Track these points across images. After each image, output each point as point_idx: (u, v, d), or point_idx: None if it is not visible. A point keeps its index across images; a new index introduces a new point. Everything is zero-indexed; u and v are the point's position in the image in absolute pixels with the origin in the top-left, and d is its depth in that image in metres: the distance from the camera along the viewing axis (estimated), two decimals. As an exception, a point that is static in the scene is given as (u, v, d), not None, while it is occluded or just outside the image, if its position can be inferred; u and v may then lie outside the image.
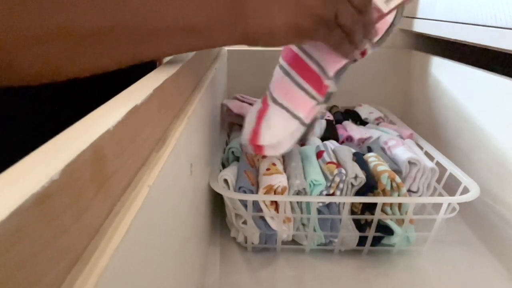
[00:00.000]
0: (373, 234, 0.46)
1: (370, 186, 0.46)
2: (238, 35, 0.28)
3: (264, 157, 0.50)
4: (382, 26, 0.40)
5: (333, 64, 0.40)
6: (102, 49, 0.25)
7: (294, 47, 0.43)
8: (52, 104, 0.33)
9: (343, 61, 0.41)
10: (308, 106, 0.41)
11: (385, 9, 0.35)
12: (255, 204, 0.44)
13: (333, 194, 0.46)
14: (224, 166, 0.54)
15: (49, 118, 0.32)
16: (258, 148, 0.43)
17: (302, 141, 0.49)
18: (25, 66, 0.23)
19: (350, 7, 0.31)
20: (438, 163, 0.53)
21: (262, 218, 0.46)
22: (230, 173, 0.47)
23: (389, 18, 0.40)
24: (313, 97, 0.41)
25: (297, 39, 0.30)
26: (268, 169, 0.47)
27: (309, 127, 0.44)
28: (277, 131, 0.42)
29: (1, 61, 0.22)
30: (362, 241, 0.47)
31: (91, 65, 0.25)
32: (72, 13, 0.23)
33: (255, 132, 0.42)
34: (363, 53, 0.39)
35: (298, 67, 0.42)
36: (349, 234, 0.47)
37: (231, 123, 0.67)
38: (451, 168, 0.51)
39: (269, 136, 0.42)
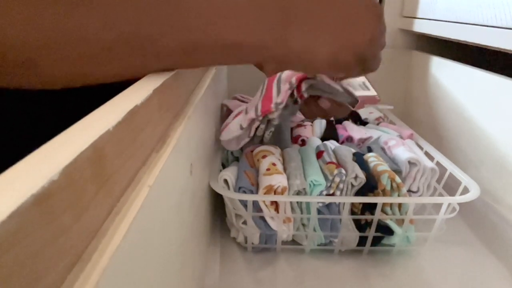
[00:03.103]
0: (373, 234, 0.46)
1: (370, 186, 0.46)
2: (272, 56, 0.28)
3: (264, 157, 0.50)
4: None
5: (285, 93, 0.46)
6: (133, 59, 0.24)
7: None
8: (52, 104, 0.33)
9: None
10: (249, 117, 0.48)
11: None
12: (255, 204, 0.44)
13: (333, 194, 0.46)
14: (224, 166, 0.54)
15: (49, 118, 0.32)
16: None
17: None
18: (49, 68, 0.23)
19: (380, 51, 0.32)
20: (438, 163, 0.53)
21: (262, 218, 0.46)
22: (230, 173, 0.47)
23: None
24: (256, 110, 0.48)
25: (333, 71, 0.30)
26: (268, 169, 0.47)
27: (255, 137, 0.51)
28: (228, 132, 0.52)
29: (25, 60, 0.22)
30: (362, 241, 0.47)
31: (121, 72, 0.25)
32: (106, 19, 0.22)
33: (222, 130, 0.54)
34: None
35: (270, 82, 0.48)
36: (349, 234, 0.47)
37: (231, 123, 0.67)
38: (451, 168, 0.51)
39: (223, 135, 0.52)
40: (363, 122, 0.71)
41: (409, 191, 0.52)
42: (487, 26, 0.53)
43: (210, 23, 0.25)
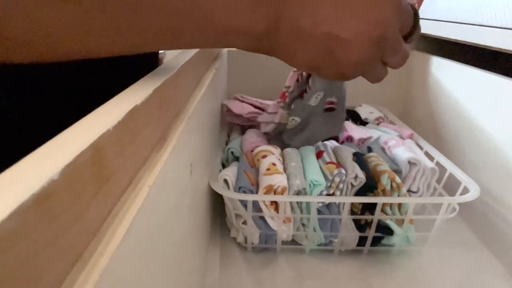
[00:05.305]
0: (373, 234, 0.46)
1: (370, 186, 0.46)
2: (261, 47, 0.27)
3: (264, 157, 0.50)
4: None
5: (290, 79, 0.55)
6: (120, 25, 0.22)
7: None
8: (52, 104, 0.33)
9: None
10: (275, 106, 0.59)
11: None
12: (255, 204, 0.44)
13: (333, 194, 0.46)
14: (224, 166, 0.54)
15: (49, 118, 0.32)
16: None
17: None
18: (20, 34, 0.20)
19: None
20: (438, 163, 0.53)
21: (262, 218, 0.46)
22: (230, 173, 0.47)
23: None
24: (278, 101, 0.57)
25: (312, 73, 0.29)
26: (268, 169, 0.47)
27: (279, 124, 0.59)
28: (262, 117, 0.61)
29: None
30: (362, 241, 0.47)
31: (101, 45, 0.22)
32: None
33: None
34: None
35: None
36: (349, 234, 0.47)
37: (231, 123, 0.67)
38: (451, 168, 0.51)
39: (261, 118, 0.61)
40: (363, 122, 0.71)
41: (409, 191, 0.52)
42: (487, 26, 0.53)
43: (194, 4, 0.23)
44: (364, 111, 0.74)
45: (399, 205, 0.46)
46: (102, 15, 0.21)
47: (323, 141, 0.57)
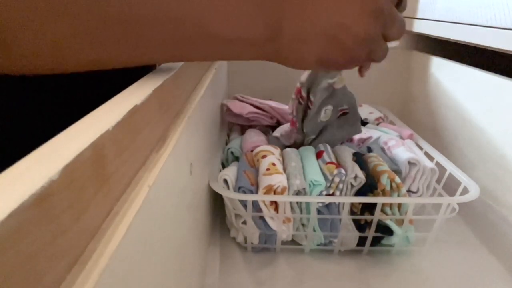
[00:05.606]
0: (373, 234, 0.46)
1: (370, 186, 0.46)
2: (266, 55, 0.27)
3: (264, 157, 0.50)
4: None
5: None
6: (116, 45, 0.22)
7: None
8: (52, 104, 0.33)
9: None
10: (287, 131, 0.59)
11: None
12: (255, 204, 0.44)
13: (333, 194, 0.46)
14: (223, 166, 0.54)
15: (49, 117, 0.32)
16: None
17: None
18: (25, 47, 0.20)
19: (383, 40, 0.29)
20: (438, 163, 0.53)
21: (262, 218, 0.46)
22: (230, 173, 0.47)
23: None
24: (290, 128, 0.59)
25: (324, 69, 0.30)
26: (268, 169, 0.47)
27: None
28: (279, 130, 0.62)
29: (1, 38, 0.20)
30: (362, 241, 0.47)
31: (104, 58, 0.23)
32: None
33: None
34: None
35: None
36: (349, 234, 0.47)
37: (231, 123, 0.67)
38: (451, 168, 0.51)
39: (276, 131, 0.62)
40: (363, 122, 0.71)
41: (408, 191, 0.52)
42: (487, 26, 0.53)
43: (194, 15, 0.23)
44: (364, 111, 0.74)
45: (399, 205, 0.46)
46: (104, 28, 0.21)
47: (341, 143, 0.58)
